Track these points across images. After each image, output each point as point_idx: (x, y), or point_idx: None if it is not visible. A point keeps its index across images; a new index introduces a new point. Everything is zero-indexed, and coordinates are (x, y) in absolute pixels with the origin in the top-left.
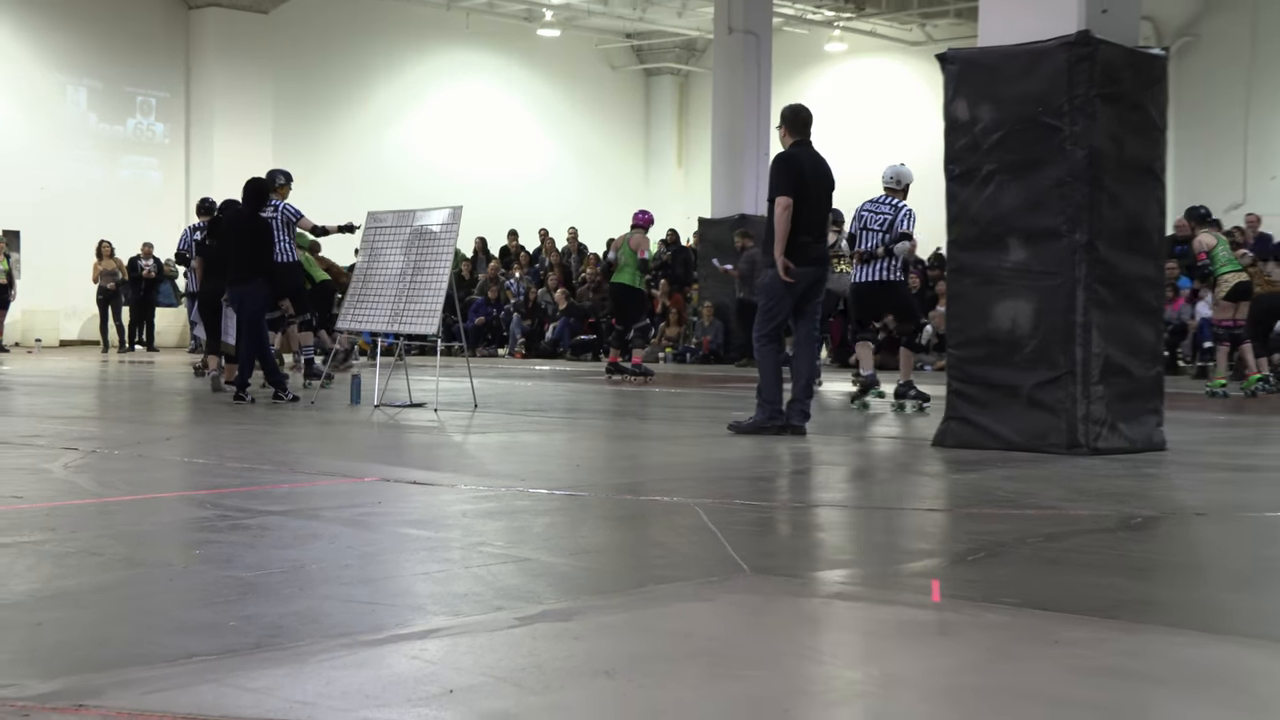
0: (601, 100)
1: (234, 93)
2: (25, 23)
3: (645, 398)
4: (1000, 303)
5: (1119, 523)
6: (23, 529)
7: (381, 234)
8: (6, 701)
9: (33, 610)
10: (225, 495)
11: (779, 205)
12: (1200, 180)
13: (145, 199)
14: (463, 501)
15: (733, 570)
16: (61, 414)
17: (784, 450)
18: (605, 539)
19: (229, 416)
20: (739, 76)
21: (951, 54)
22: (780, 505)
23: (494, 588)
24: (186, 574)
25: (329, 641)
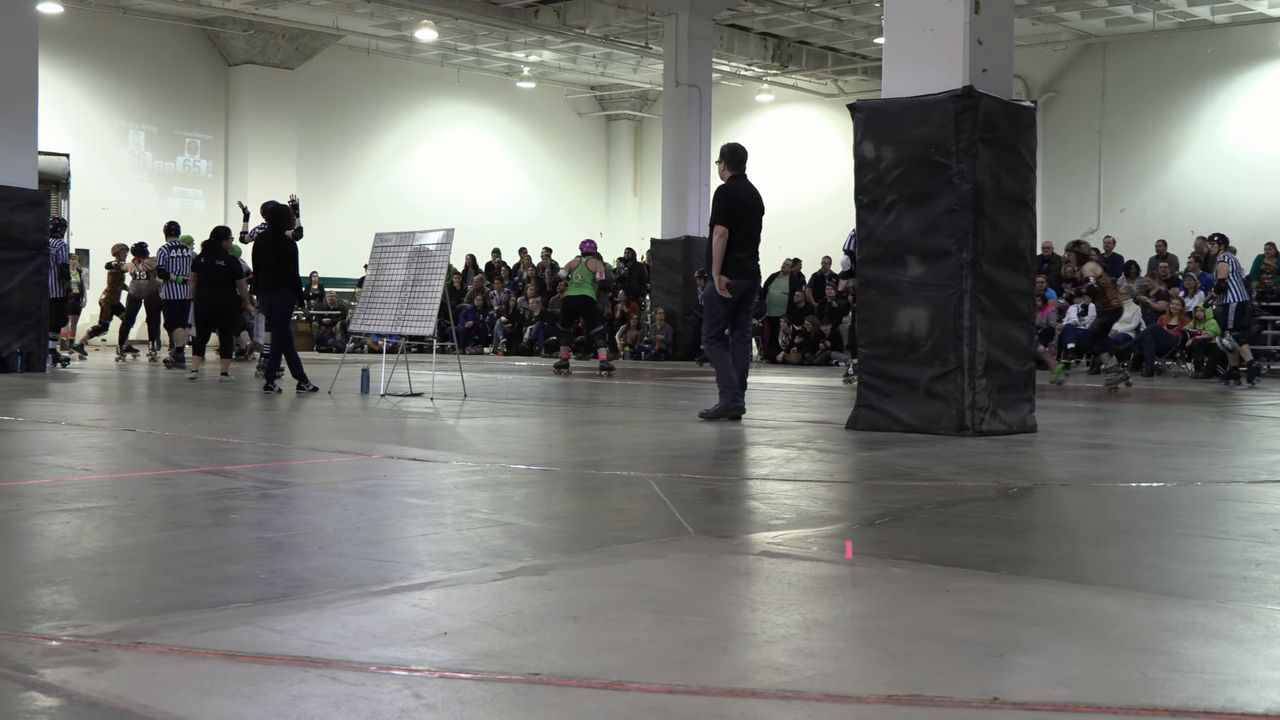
0: (570, 141)
1: (265, 135)
2: (94, 80)
3: (606, 389)
4: (901, 310)
5: (999, 492)
6: (90, 496)
7: (386, 251)
8: (78, 639)
9: (99, 563)
10: (257, 469)
11: (716, 233)
12: (1063, 210)
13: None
14: (455, 475)
15: (679, 532)
16: (121, 402)
17: (722, 433)
18: (573, 506)
19: (260, 404)
20: (684, 121)
21: (860, 104)
22: (719, 478)
23: (481, 547)
24: (225, 534)
25: (343, 591)
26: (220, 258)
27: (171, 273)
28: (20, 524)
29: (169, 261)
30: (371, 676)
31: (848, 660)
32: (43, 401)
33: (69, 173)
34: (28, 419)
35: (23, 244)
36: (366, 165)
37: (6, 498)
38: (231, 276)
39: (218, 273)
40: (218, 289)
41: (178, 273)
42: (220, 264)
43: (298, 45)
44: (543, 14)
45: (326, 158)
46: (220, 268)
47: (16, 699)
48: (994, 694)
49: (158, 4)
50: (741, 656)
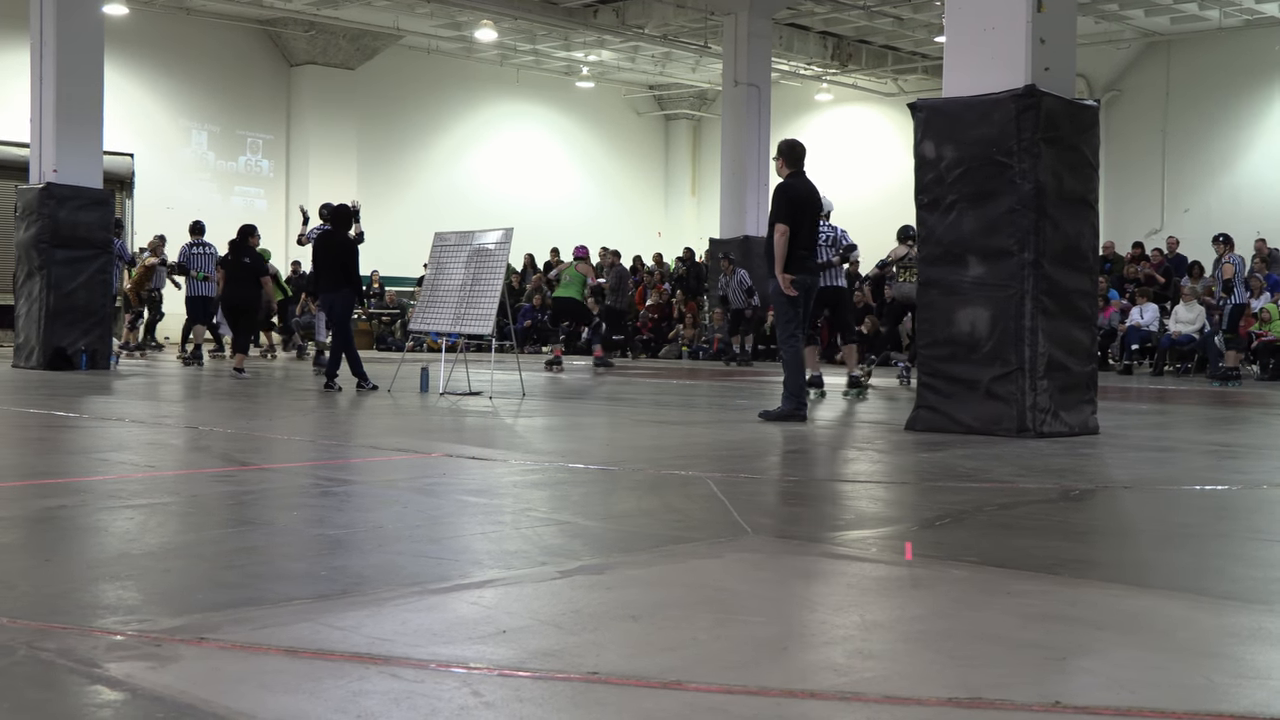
0: (628, 141)
1: (326, 135)
2: (158, 81)
3: (664, 388)
4: (961, 310)
5: (1060, 494)
6: (155, 493)
7: (445, 250)
8: (142, 634)
9: (162, 559)
10: (317, 467)
11: (777, 231)
12: (1126, 210)
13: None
14: (513, 474)
15: (738, 533)
16: (184, 400)
17: (781, 433)
18: (632, 506)
19: (320, 402)
20: (743, 121)
21: (920, 103)
22: (778, 479)
23: (539, 546)
24: (286, 531)
25: (403, 589)
26: (246, 255)
27: (192, 269)
28: (85, 519)
29: (190, 259)
30: (431, 674)
31: (907, 662)
32: (106, 398)
33: (133, 173)
34: (92, 416)
35: (88, 243)
36: (426, 165)
37: (72, 493)
38: (256, 273)
39: (243, 269)
40: (242, 285)
41: (199, 270)
42: (246, 261)
43: (358, 46)
44: (602, 14)
45: (387, 157)
46: (246, 265)
47: (83, 693)
48: (1055, 698)
49: (221, 5)
50: (800, 657)
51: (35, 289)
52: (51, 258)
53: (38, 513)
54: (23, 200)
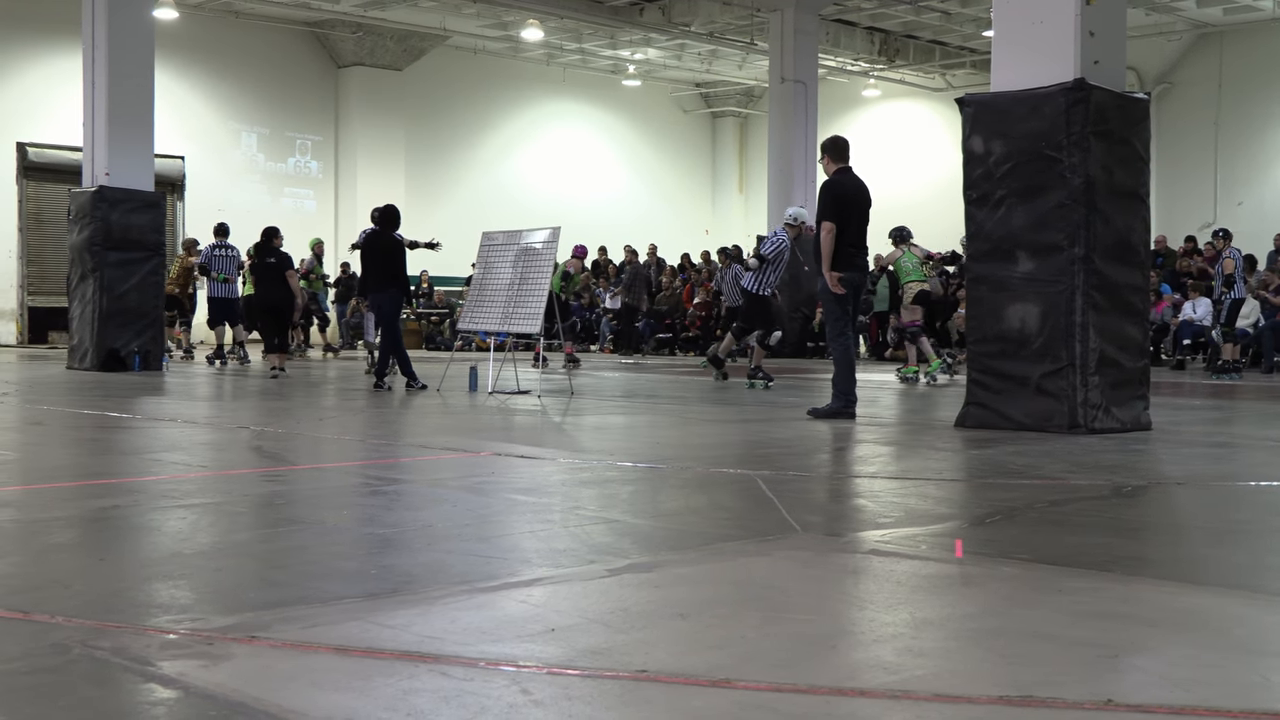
0: (675, 138)
1: (374, 136)
2: (208, 84)
3: (710, 386)
4: (1011, 306)
5: (1113, 491)
6: (207, 492)
7: (493, 250)
8: (195, 632)
9: (214, 558)
10: (367, 466)
11: (824, 229)
12: (1178, 203)
13: (303, 223)
14: (562, 472)
15: (787, 530)
16: (237, 398)
17: (830, 430)
18: (680, 504)
19: (369, 402)
20: (790, 117)
21: (968, 98)
22: (827, 476)
23: (588, 544)
24: (336, 530)
25: (452, 587)
26: (271, 255)
27: (214, 271)
28: (139, 519)
29: (212, 260)
30: (480, 672)
31: (957, 660)
32: (159, 399)
33: (184, 175)
34: (145, 416)
35: (140, 245)
36: (473, 164)
37: (125, 493)
38: (282, 272)
39: (269, 270)
40: (270, 285)
41: (220, 271)
42: (271, 261)
43: (405, 46)
44: (648, 12)
45: (434, 157)
46: (271, 265)
47: (137, 690)
48: (1108, 696)
49: (269, 8)
50: (850, 655)
51: (88, 291)
52: (104, 260)
53: (92, 513)
54: (76, 204)
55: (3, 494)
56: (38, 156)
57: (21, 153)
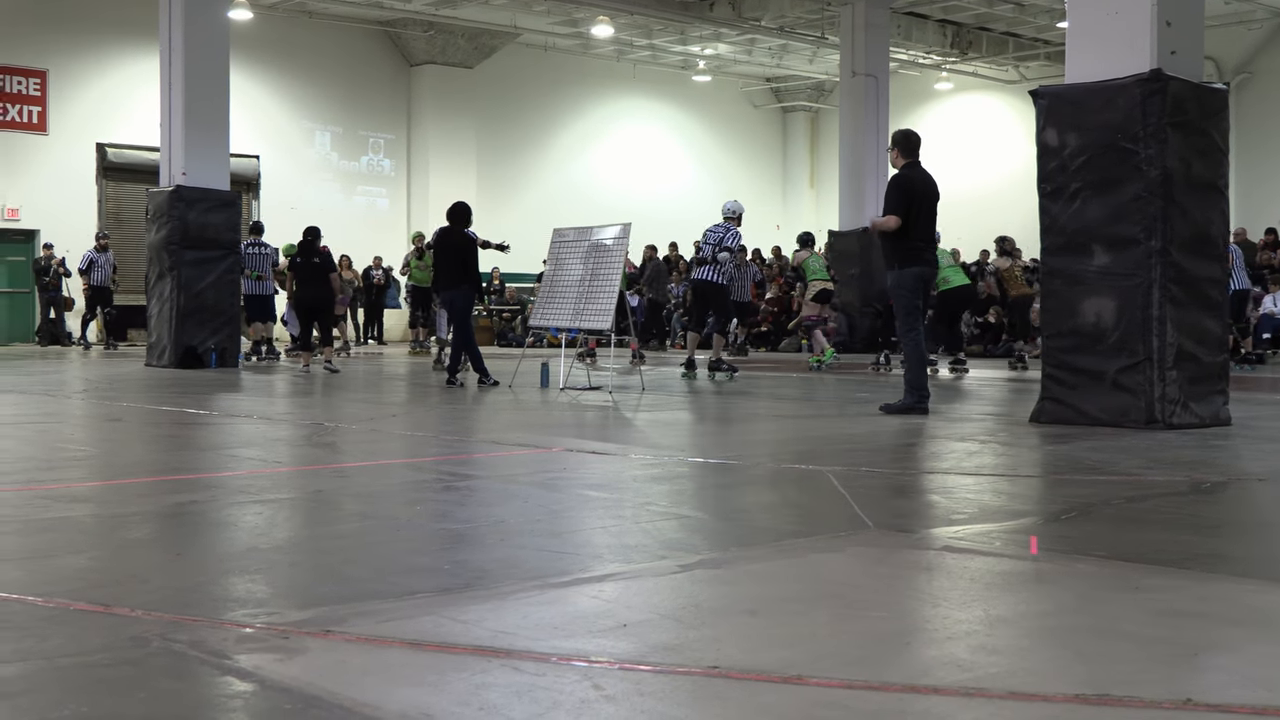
0: (746, 134)
1: (445, 134)
2: (282, 83)
3: (782, 382)
4: (1086, 300)
5: (1191, 487)
6: (281, 488)
7: (564, 246)
8: (270, 626)
9: (289, 553)
10: (440, 462)
11: (889, 222)
12: (1258, 195)
13: (375, 221)
14: (633, 468)
15: (859, 527)
16: (310, 395)
17: (903, 426)
18: (751, 500)
19: (442, 398)
20: (861, 112)
21: (1042, 90)
22: (899, 472)
23: (659, 540)
24: (409, 526)
25: (524, 583)
26: (314, 255)
27: (248, 268)
28: (216, 514)
29: (245, 258)
30: (552, 667)
31: (1033, 658)
32: (235, 396)
33: (259, 174)
34: (221, 413)
35: (216, 243)
36: (544, 161)
37: (203, 489)
38: (325, 272)
39: (313, 269)
40: (314, 285)
41: (253, 269)
42: (315, 261)
43: (476, 44)
44: (718, 7)
45: (505, 155)
46: (315, 265)
47: (214, 683)
48: (1187, 695)
49: (341, 7)
50: (923, 652)
51: (166, 289)
52: (181, 259)
53: (170, 508)
54: (153, 203)
55: (82, 489)
56: (117, 157)
57: (101, 153)
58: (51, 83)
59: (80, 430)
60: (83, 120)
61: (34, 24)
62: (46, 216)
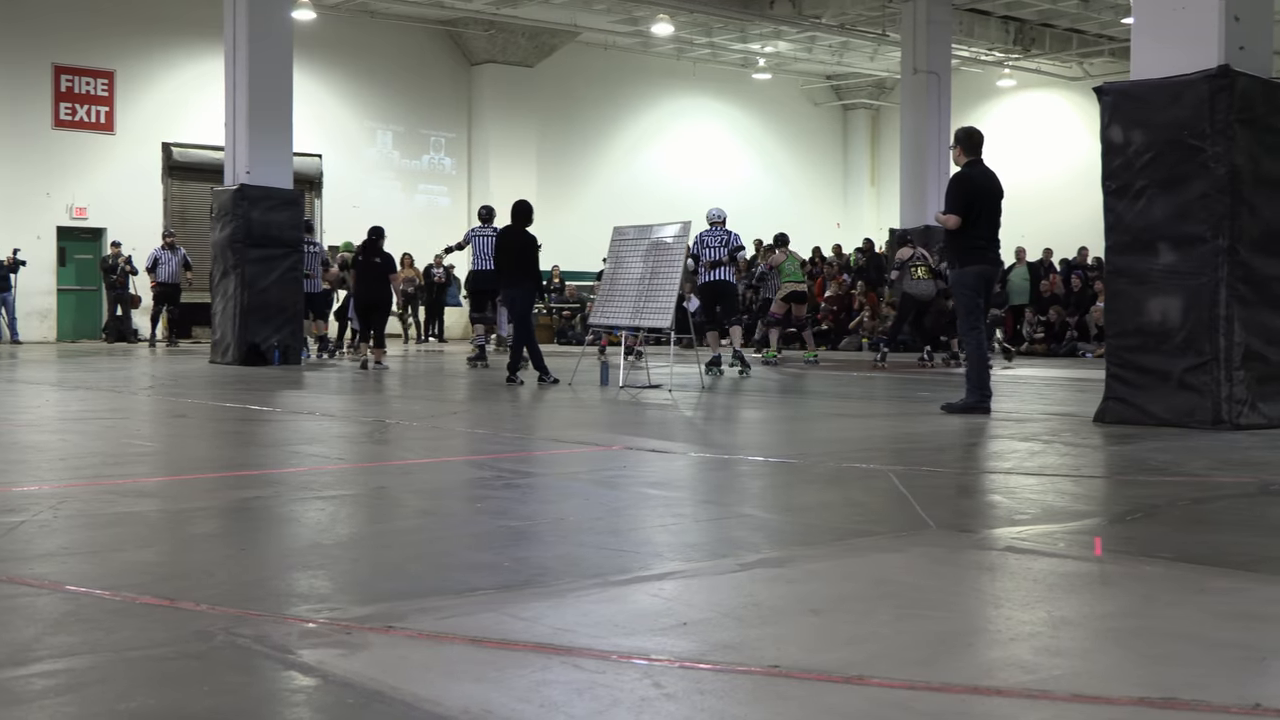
0: (806, 132)
1: (506, 132)
2: (344, 83)
3: (843, 381)
4: (1152, 299)
5: (1259, 489)
6: (344, 484)
7: (624, 245)
8: (333, 621)
9: (351, 549)
10: (501, 459)
11: (949, 222)
12: None
13: (436, 219)
14: (693, 467)
15: (921, 526)
16: (372, 392)
17: (965, 426)
18: (812, 499)
19: (503, 396)
20: (922, 109)
21: (1107, 87)
22: (961, 471)
23: (720, 538)
24: (470, 523)
25: (585, 580)
26: (377, 255)
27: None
28: (280, 510)
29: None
30: (612, 665)
31: (1097, 660)
32: (298, 393)
33: (321, 173)
34: (284, 410)
35: (279, 242)
36: (604, 160)
37: (267, 484)
38: (386, 272)
39: (374, 269)
40: (371, 283)
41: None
42: (377, 260)
43: (537, 43)
44: (778, 4)
45: (565, 153)
46: (376, 264)
47: (277, 678)
48: (1255, 700)
49: (403, 7)
50: (986, 654)
51: (230, 287)
52: (245, 257)
53: (234, 503)
54: (218, 201)
55: (148, 485)
56: (182, 156)
57: (167, 153)
58: (119, 83)
59: (146, 426)
60: (149, 120)
61: (102, 25)
62: (113, 215)
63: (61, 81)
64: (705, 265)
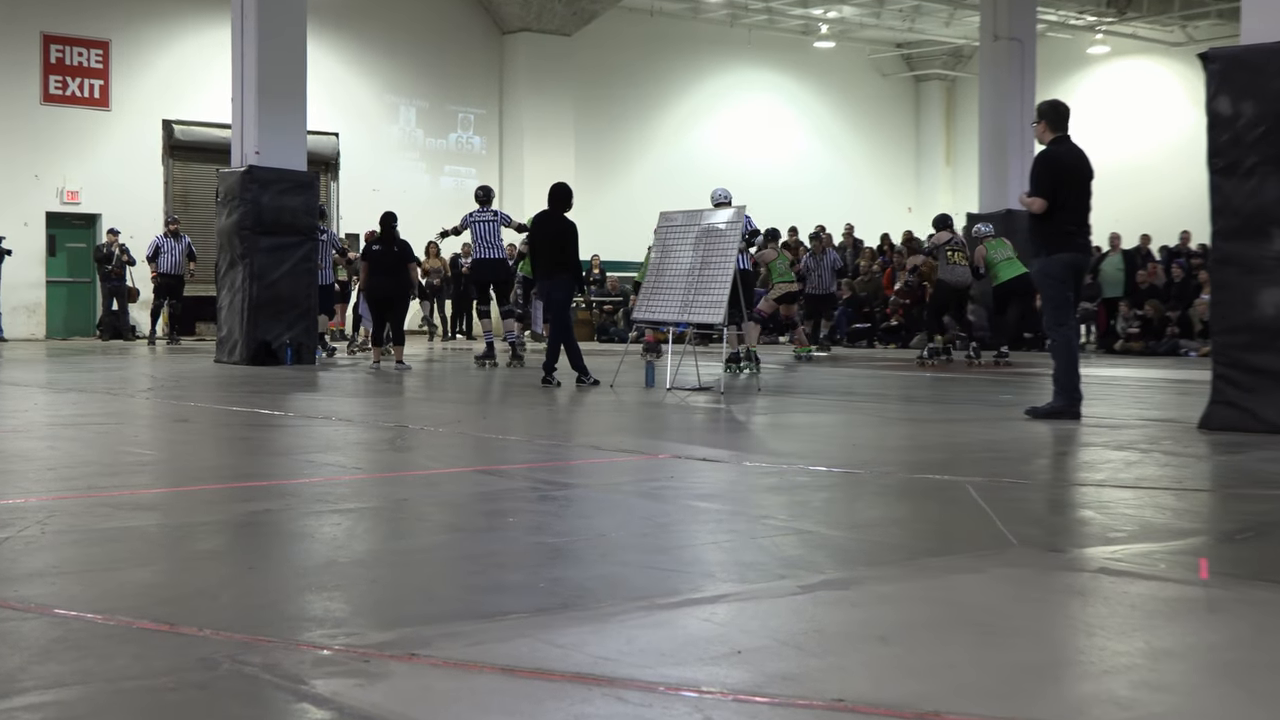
0: (874, 106)
1: (541, 108)
2: (363, 55)
3: (913, 381)
4: (1264, 291)
5: None
6: (362, 496)
7: (672, 232)
8: (350, 648)
9: (370, 567)
10: (535, 469)
11: (1035, 206)
12: None
13: (464, 203)
14: (748, 477)
15: (1002, 545)
16: (394, 394)
17: (1052, 432)
18: (880, 514)
19: (537, 398)
20: (1004, 80)
21: (1214, 53)
22: (1048, 483)
23: (777, 557)
24: (502, 539)
25: (628, 603)
26: (392, 243)
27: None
28: (291, 525)
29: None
30: (659, 697)
31: (1202, 696)
32: (312, 395)
33: (338, 153)
34: (298, 414)
35: (292, 229)
36: (649, 138)
37: (277, 496)
38: (403, 261)
39: (389, 258)
40: (390, 275)
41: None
42: (394, 249)
43: (575, 9)
44: None
45: (606, 130)
46: (394, 253)
47: (288, 710)
48: None
49: None
50: (1075, 688)
51: (238, 279)
52: (255, 245)
53: (241, 517)
54: (224, 185)
55: (147, 497)
56: (184, 135)
57: (168, 131)
58: (114, 54)
59: (145, 432)
60: (148, 95)
61: None
62: (109, 200)
63: (51, 52)
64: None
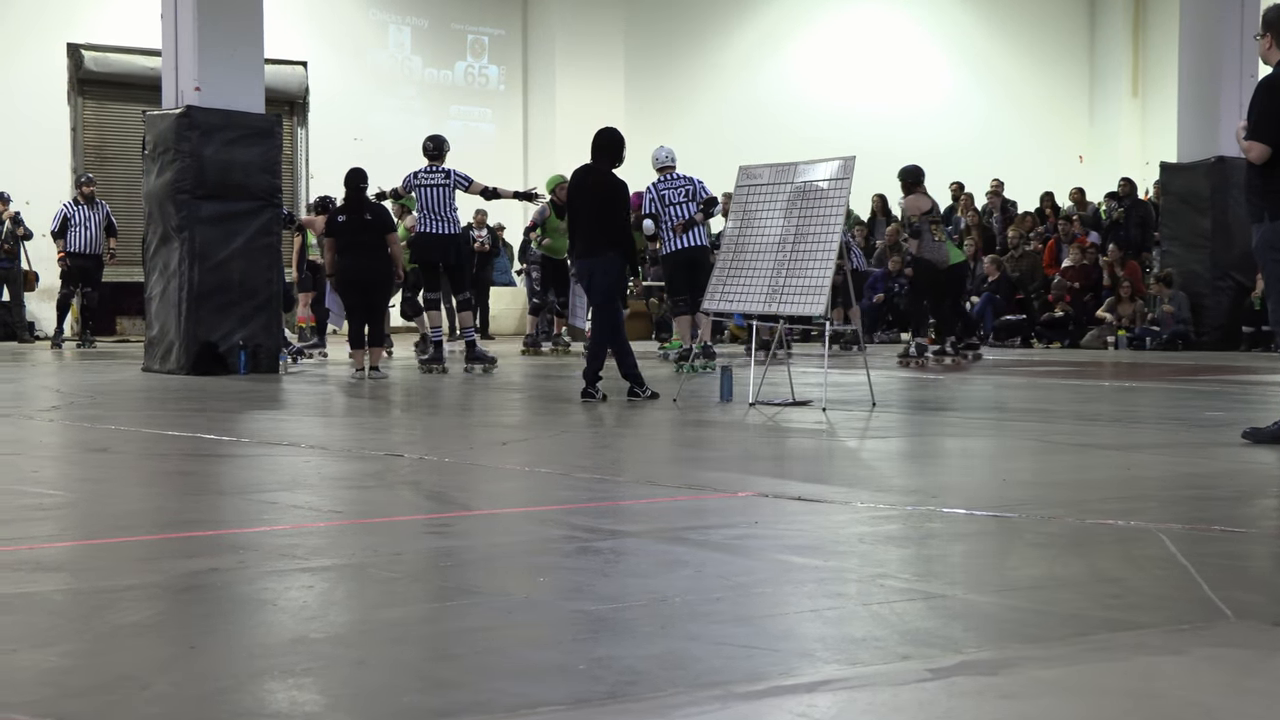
0: (1031, 21)
1: (579, 29)
2: None
3: (1088, 393)
4: None
5: None
6: (343, 549)
7: (755, 193)
8: None
9: (355, 645)
10: (572, 512)
11: (1254, 151)
12: None
13: (477, 155)
14: (859, 523)
15: (1212, 615)
16: (380, 413)
17: (1278, 461)
18: (1040, 572)
19: (575, 417)
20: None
21: None
22: (1273, 534)
23: (899, 631)
24: (528, 606)
25: (697, 692)
26: (364, 211)
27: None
28: (247, 588)
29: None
30: None
31: None
32: (274, 414)
33: (307, 89)
34: (254, 439)
35: (244, 192)
36: (724, 68)
37: (229, 550)
38: (381, 233)
39: (363, 232)
40: (363, 253)
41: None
42: (366, 218)
43: None
44: None
45: (664, 58)
46: (366, 223)
47: None
48: None
49: None
50: None
51: (173, 259)
52: (195, 214)
53: (180, 579)
54: (153, 132)
55: (51, 553)
56: (97, 63)
57: (75, 58)
58: None
59: (49, 466)
60: (46, 9)
61: None
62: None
63: None
64: (674, 228)
